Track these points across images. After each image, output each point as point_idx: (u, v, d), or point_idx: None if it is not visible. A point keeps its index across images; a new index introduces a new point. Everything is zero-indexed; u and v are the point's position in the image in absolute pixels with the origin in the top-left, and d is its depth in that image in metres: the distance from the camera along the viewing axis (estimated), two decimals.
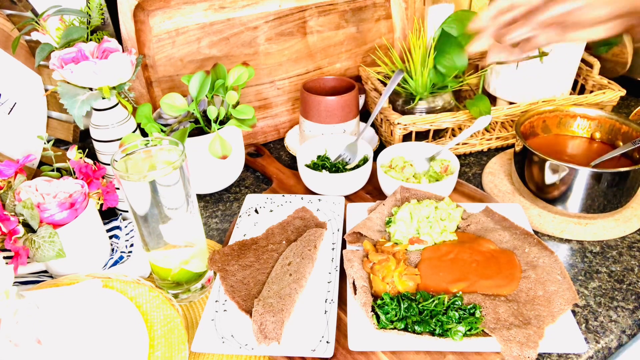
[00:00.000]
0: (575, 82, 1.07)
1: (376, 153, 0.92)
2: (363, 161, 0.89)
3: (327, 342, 0.58)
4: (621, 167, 0.71)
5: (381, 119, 0.99)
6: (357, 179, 0.84)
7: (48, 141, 0.73)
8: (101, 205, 0.72)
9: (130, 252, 0.73)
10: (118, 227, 0.78)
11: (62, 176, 0.71)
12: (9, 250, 0.62)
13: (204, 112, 0.86)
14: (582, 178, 0.72)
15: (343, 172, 0.84)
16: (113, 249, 0.75)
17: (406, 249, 0.70)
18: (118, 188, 0.76)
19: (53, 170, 0.73)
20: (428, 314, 0.59)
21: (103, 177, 0.74)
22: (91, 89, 0.70)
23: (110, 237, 0.76)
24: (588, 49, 1.02)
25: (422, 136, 0.95)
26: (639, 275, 0.69)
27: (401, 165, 0.85)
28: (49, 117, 0.88)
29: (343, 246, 0.74)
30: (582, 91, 1.08)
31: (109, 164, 0.70)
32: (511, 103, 1.01)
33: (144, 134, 0.80)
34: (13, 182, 0.67)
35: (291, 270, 0.66)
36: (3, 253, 0.65)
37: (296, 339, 0.59)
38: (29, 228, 0.64)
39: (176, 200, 0.61)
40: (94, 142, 0.76)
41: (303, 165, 0.85)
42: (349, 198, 0.86)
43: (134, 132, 0.76)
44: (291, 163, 1.00)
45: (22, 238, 0.62)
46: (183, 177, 0.60)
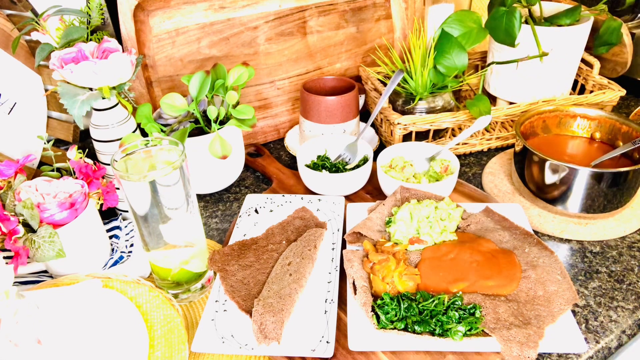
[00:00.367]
0: (575, 82, 1.07)
1: (376, 153, 0.92)
2: (363, 161, 0.89)
3: (327, 342, 0.58)
4: (621, 167, 0.71)
5: (381, 119, 0.99)
6: (357, 179, 0.84)
7: (48, 141, 0.73)
8: (101, 205, 0.72)
9: (130, 252, 0.73)
10: (118, 227, 0.78)
11: (62, 176, 0.71)
12: (9, 250, 0.62)
13: (204, 112, 0.86)
14: (582, 178, 0.72)
15: (343, 172, 0.84)
16: (113, 249, 0.75)
17: (406, 249, 0.70)
18: (118, 188, 0.76)
19: (53, 170, 0.73)
20: (428, 314, 0.59)
21: (103, 177, 0.74)
22: (91, 89, 0.70)
23: (110, 237, 0.76)
24: (588, 49, 1.02)
25: (422, 136, 0.95)
26: (639, 275, 0.69)
27: (401, 165, 0.85)
28: (49, 117, 0.88)
29: (343, 246, 0.74)
30: (582, 91, 1.08)
31: (109, 164, 0.70)
32: (511, 103, 1.01)
33: (144, 134, 0.80)
34: (13, 182, 0.67)
35: (291, 270, 0.66)
36: (3, 253, 0.65)
37: (296, 339, 0.59)
38: (29, 228, 0.64)
39: (176, 200, 0.61)
40: (94, 142, 0.76)
41: (303, 165, 0.85)
42: (349, 198, 0.86)
43: (134, 132, 0.76)
44: (291, 163, 1.00)
45: (22, 238, 0.62)
46: (183, 177, 0.60)
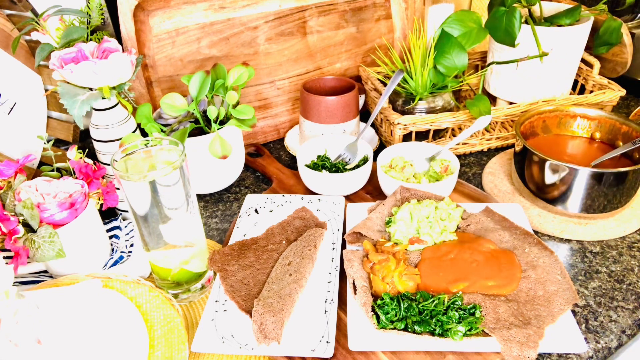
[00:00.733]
0: (575, 82, 1.07)
1: (376, 153, 0.92)
2: (363, 161, 0.89)
3: (327, 342, 0.58)
4: (621, 167, 0.71)
5: (381, 119, 0.99)
6: (357, 179, 0.84)
7: (48, 141, 0.73)
8: (101, 205, 0.72)
9: (130, 252, 0.73)
10: (118, 227, 0.78)
11: (62, 176, 0.71)
12: (9, 250, 0.62)
13: (204, 112, 0.86)
14: (582, 178, 0.72)
15: (343, 172, 0.84)
16: (113, 249, 0.75)
17: (406, 249, 0.70)
18: (118, 188, 0.76)
19: (53, 170, 0.73)
20: (428, 314, 0.59)
21: (103, 177, 0.74)
22: (91, 89, 0.70)
23: (110, 237, 0.76)
24: (588, 49, 1.02)
25: (422, 136, 0.95)
26: (639, 275, 0.69)
27: (401, 165, 0.85)
28: (49, 117, 0.88)
29: (343, 246, 0.74)
30: (582, 91, 1.08)
31: (109, 164, 0.70)
32: (511, 103, 1.01)
33: (144, 134, 0.80)
34: (13, 182, 0.67)
35: (291, 270, 0.66)
36: (3, 253, 0.65)
37: (296, 339, 0.59)
38: (29, 228, 0.64)
39: (176, 200, 0.61)
40: (94, 142, 0.76)
41: (303, 165, 0.85)
42: (349, 198, 0.86)
43: (134, 132, 0.76)
44: (291, 163, 1.00)
45: (22, 238, 0.62)
46: (183, 177, 0.60)
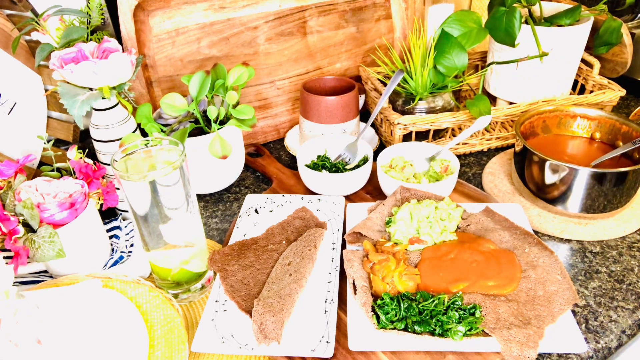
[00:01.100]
0: (575, 82, 1.07)
1: (376, 153, 0.92)
2: (363, 161, 0.89)
3: (327, 342, 0.58)
4: (621, 167, 0.71)
5: (381, 119, 0.99)
6: (357, 179, 0.84)
7: (48, 141, 0.73)
8: (101, 205, 0.72)
9: (130, 252, 0.73)
10: (118, 227, 0.78)
11: (62, 176, 0.71)
12: (9, 250, 0.62)
13: (204, 112, 0.86)
14: (582, 178, 0.72)
15: (343, 172, 0.84)
16: (113, 249, 0.75)
17: (406, 249, 0.70)
18: (118, 188, 0.76)
19: (53, 170, 0.73)
20: (428, 314, 0.59)
21: (103, 177, 0.74)
22: (91, 89, 0.70)
23: (110, 237, 0.76)
24: (588, 49, 1.02)
25: (422, 136, 0.95)
26: (639, 275, 0.69)
27: (401, 165, 0.85)
28: (49, 117, 0.88)
29: (343, 246, 0.74)
30: (582, 91, 1.08)
31: (109, 164, 0.70)
32: (511, 103, 1.01)
33: (144, 134, 0.80)
34: (13, 182, 0.67)
35: (291, 270, 0.66)
36: (3, 253, 0.65)
37: (296, 339, 0.59)
38: (29, 228, 0.64)
39: (176, 200, 0.61)
40: (94, 142, 0.76)
41: (303, 165, 0.85)
42: (349, 198, 0.86)
43: (134, 132, 0.76)
44: (291, 163, 1.00)
45: (22, 238, 0.62)
46: (183, 177, 0.60)
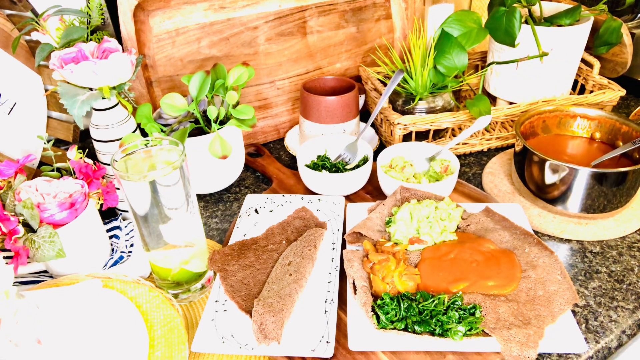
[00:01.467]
0: (575, 82, 1.07)
1: (376, 153, 0.92)
2: (363, 161, 0.89)
3: (327, 342, 0.58)
4: (621, 167, 0.71)
5: (381, 119, 0.99)
6: (357, 179, 0.84)
7: (48, 141, 0.73)
8: (101, 205, 0.72)
9: (130, 252, 0.73)
10: (118, 227, 0.78)
11: (62, 176, 0.71)
12: (9, 250, 0.62)
13: (204, 112, 0.86)
14: (582, 178, 0.72)
15: (343, 172, 0.84)
16: (113, 249, 0.75)
17: (406, 249, 0.70)
18: (118, 188, 0.76)
19: (53, 170, 0.73)
20: (428, 314, 0.59)
21: (103, 177, 0.74)
22: (91, 89, 0.70)
23: (110, 237, 0.76)
24: (588, 49, 1.02)
25: (422, 136, 0.95)
26: (639, 275, 0.69)
27: (401, 165, 0.85)
28: (49, 117, 0.88)
29: (343, 246, 0.74)
30: (582, 91, 1.08)
31: (109, 164, 0.70)
32: (511, 103, 1.01)
33: (144, 134, 0.80)
34: (13, 182, 0.67)
35: (291, 270, 0.66)
36: (3, 253, 0.65)
37: (296, 339, 0.59)
38: (29, 228, 0.64)
39: (176, 200, 0.61)
40: (94, 142, 0.76)
41: (303, 165, 0.85)
42: (349, 198, 0.86)
43: (134, 132, 0.76)
44: (291, 163, 1.00)
45: (22, 238, 0.62)
46: (183, 177, 0.60)
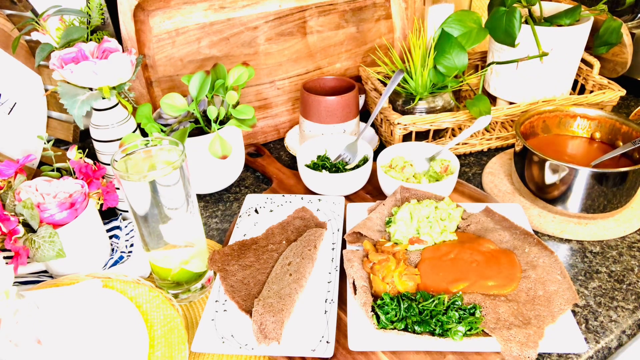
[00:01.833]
0: (575, 82, 1.07)
1: (376, 153, 0.92)
2: (363, 161, 0.89)
3: (327, 342, 0.58)
4: (621, 167, 0.71)
5: (381, 119, 0.99)
6: (357, 179, 0.84)
7: (48, 141, 0.73)
8: (101, 205, 0.72)
9: (130, 252, 0.73)
10: (118, 227, 0.78)
11: (62, 176, 0.71)
12: (9, 250, 0.62)
13: (204, 112, 0.86)
14: (582, 178, 0.72)
15: (343, 172, 0.84)
16: (113, 249, 0.75)
17: (406, 249, 0.70)
18: (118, 188, 0.76)
19: (53, 170, 0.73)
20: (428, 314, 0.59)
21: (103, 177, 0.74)
22: (91, 89, 0.70)
23: (110, 237, 0.76)
24: (588, 49, 1.02)
25: (422, 136, 0.95)
26: (639, 275, 0.69)
27: (401, 165, 0.85)
28: (49, 117, 0.88)
29: (343, 246, 0.74)
30: (582, 91, 1.08)
31: (109, 164, 0.70)
32: (511, 103, 1.01)
33: (144, 134, 0.80)
34: (13, 182, 0.67)
35: (291, 270, 0.66)
36: (3, 253, 0.65)
37: (296, 339, 0.59)
38: (29, 228, 0.64)
39: (176, 200, 0.61)
40: (94, 142, 0.76)
41: (303, 165, 0.85)
42: (349, 198, 0.86)
43: (134, 132, 0.76)
44: (291, 163, 1.00)
45: (22, 238, 0.62)
46: (183, 177, 0.60)
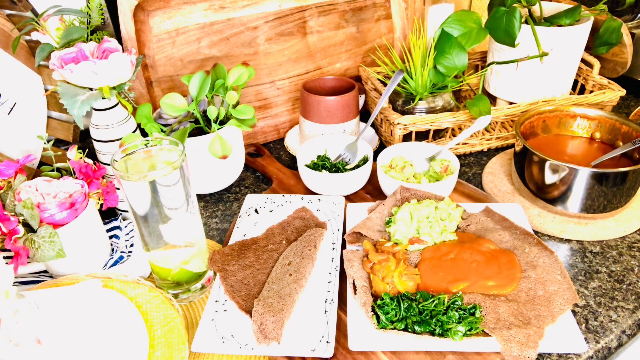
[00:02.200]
0: (575, 82, 1.07)
1: (376, 153, 0.92)
2: (363, 161, 0.89)
3: (327, 342, 0.58)
4: (621, 167, 0.71)
5: (381, 119, 0.99)
6: (357, 179, 0.84)
7: (48, 141, 0.73)
8: (101, 205, 0.72)
9: (130, 252, 0.73)
10: (118, 227, 0.78)
11: (62, 176, 0.71)
12: (9, 250, 0.62)
13: (204, 112, 0.86)
14: (582, 178, 0.72)
15: (343, 172, 0.84)
16: (113, 249, 0.75)
17: (406, 249, 0.70)
18: (118, 188, 0.76)
19: (53, 170, 0.73)
20: (428, 314, 0.59)
21: (103, 177, 0.74)
22: (91, 89, 0.70)
23: (110, 237, 0.76)
24: (588, 49, 1.02)
25: (422, 136, 0.95)
26: (639, 275, 0.69)
27: (401, 165, 0.85)
28: (49, 117, 0.88)
29: (343, 246, 0.74)
30: (582, 91, 1.08)
31: (109, 164, 0.70)
32: (511, 103, 1.01)
33: (144, 134, 0.80)
34: (13, 182, 0.67)
35: (291, 270, 0.66)
36: (3, 253, 0.65)
37: (296, 339, 0.59)
38: (29, 228, 0.64)
39: (176, 200, 0.61)
40: (94, 142, 0.76)
41: (303, 165, 0.85)
42: (349, 198, 0.86)
43: (134, 132, 0.76)
44: (291, 163, 1.00)
45: (22, 238, 0.62)
46: (183, 177, 0.60)
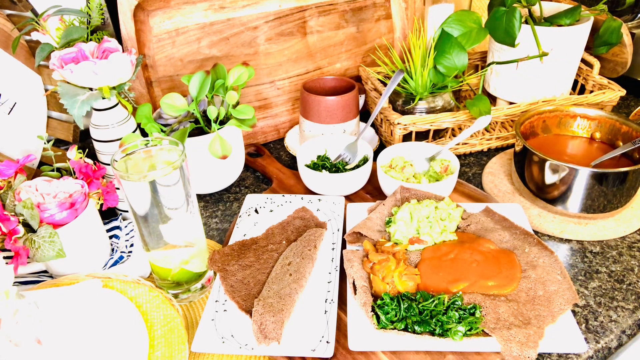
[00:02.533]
0: (575, 82, 1.07)
1: (376, 153, 0.92)
2: (363, 161, 0.89)
3: (327, 342, 0.58)
4: (621, 167, 0.71)
5: (381, 119, 0.99)
6: (357, 179, 0.84)
7: (48, 141, 0.73)
8: (101, 205, 0.72)
9: (130, 252, 0.73)
10: (118, 227, 0.78)
11: (62, 176, 0.71)
12: (9, 250, 0.62)
13: (204, 112, 0.86)
14: (582, 178, 0.72)
15: (343, 172, 0.84)
16: (113, 249, 0.75)
17: (406, 249, 0.70)
18: (118, 188, 0.76)
19: (53, 170, 0.73)
20: (428, 314, 0.59)
21: (103, 177, 0.74)
22: (91, 89, 0.70)
23: (110, 237, 0.76)
24: (588, 49, 1.02)
25: (422, 136, 0.95)
26: (639, 275, 0.69)
27: (401, 165, 0.85)
28: (49, 117, 0.88)
29: (343, 246, 0.74)
30: (582, 91, 1.08)
31: (109, 164, 0.70)
32: (511, 103, 1.01)
33: (144, 134, 0.80)
34: (13, 182, 0.67)
35: (291, 270, 0.66)
36: (3, 253, 0.65)
37: (296, 339, 0.59)
38: (29, 228, 0.64)
39: (176, 200, 0.61)
40: (94, 142, 0.76)
41: (303, 165, 0.85)
42: (349, 198, 0.86)
43: (134, 132, 0.76)
44: (291, 163, 1.00)
45: (22, 238, 0.62)
46: (183, 177, 0.60)
